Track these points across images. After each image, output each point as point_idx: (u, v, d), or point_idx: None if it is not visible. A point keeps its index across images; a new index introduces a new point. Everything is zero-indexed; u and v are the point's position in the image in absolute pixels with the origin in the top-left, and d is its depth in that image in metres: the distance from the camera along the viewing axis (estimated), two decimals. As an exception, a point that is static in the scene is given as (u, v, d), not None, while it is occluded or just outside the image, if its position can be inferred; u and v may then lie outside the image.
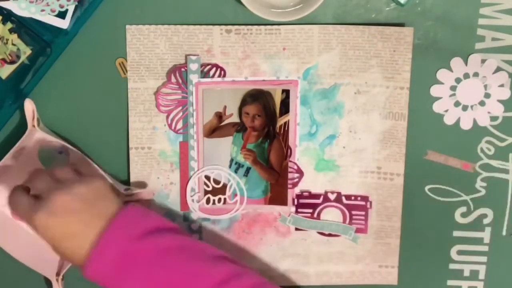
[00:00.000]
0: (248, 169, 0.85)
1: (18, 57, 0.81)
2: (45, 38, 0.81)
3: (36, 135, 0.81)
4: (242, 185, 0.86)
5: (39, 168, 0.79)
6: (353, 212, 0.87)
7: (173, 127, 0.84)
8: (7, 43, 0.80)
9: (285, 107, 0.84)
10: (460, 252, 0.88)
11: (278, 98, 0.84)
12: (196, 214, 0.86)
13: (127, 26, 0.82)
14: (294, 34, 0.82)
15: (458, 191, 0.87)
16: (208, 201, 0.86)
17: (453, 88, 0.85)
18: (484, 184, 0.87)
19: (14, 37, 0.80)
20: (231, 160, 0.85)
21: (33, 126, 0.80)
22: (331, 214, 0.87)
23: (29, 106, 0.80)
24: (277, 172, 0.86)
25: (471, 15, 0.83)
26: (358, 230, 0.87)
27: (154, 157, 0.84)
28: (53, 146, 0.83)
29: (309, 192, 0.86)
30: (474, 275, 0.89)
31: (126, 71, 0.83)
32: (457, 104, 0.85)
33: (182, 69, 0.82)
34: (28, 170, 0.81)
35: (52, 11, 0.79)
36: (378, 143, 0.85)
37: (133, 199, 0.84)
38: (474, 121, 0.85)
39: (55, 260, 0.84)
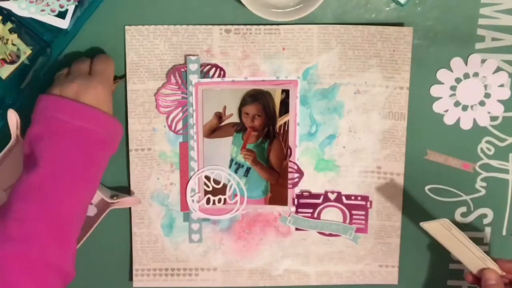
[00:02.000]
0: (248, 169, 0.85)
1: (18, 57, 0.81)
2: (45, 38, 0.81)
3: (21, 143, 0.81)
4: (242, 185, 0.86)
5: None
6: (353, 212, 0.87)
7: (173, 128, 0.84)
8: (7, 43, 0.80)
9: (284, 107, 0.84)
10: (460, 252, 0.88)
11: (277, 98, 0.84)
12: (196, 214, 0.86)
13: (127, 27, 0.82)
14: (294, 34, 0.82)
15: (458, 191, 0.87)
16: (208, 201, 0.86)
17: (453, 88, 0.85)
18: (484, 184, 0.87)
19: (14, 37, 0.80)
20: (231, 160, 0.85)
21: (17, 135, 0.81)
22: (331, 214, 0.87)
23: (12, 116, 0.81)
24: (277, 172, 0.86)
25: (471, 15, 0.83)
26: (358, 230, 0.87)
27: (154, 158, 0.84)
28: None
29: (309, 192, 0.86)
30: (474, 275, 0.89)
31: None
32: (457, 104, 0.85)
33: (182, 70, 0.82)
34: (12, 174, 0.82)
35: (52, 11, 0.79)
36: (378, 143, 0.85)
37: (120, 206, 0.84)
38: (474, 121, 0.85)
39: None
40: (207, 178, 0.85)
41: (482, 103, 0.85)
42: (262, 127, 0.85)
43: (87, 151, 0.74)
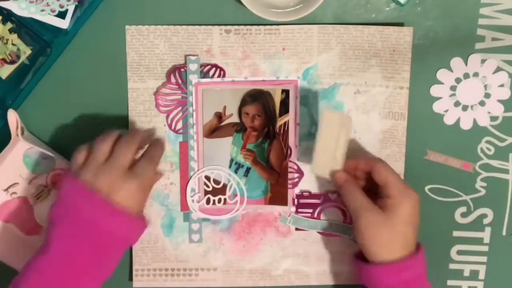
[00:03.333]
0: (248, 169, 0.85)
1: (18, 57, 0.81)
2: (45, 38, 0.81)
3: (20, 143, 0.81)
4: (242, 185, 0.86)
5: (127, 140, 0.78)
6: (353, 212, 0.86)
7: (173, 127, 0.84)
8: (7, 43, 0.80)
9: (284, 107, 0.84)
10: (460, 252, 0.88)
11: (277, 98, 0.84)
12: (196, 214, 0.86)
13: (127, 27, 0.82)
14: (294, 34, 0.82)
15: (458, 191, 0.87)
16: (208, 201, 0.86)
17: (453, 88, 0.85)
18: (484, 184, 0.87)
19: (14, 37, 0.80)
20: (231, 160, 0.85)
21: (17, 135, 0.81)
22: (332, 214, 0.87)
23: (12, 116, 0.81)
24: (277, 172, 0.86)
25: (471, 15, 0.83)
26: (358, 230, 0.87)
27: (154, 157, 0.84)
28: (38, 152, 0.83)
29: (309, 192, 0.86)
30: (474, 275, 0.89)
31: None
32: (457, 104, 0.85)
33: (182, 70, 0.83)
34: (12, 174, 0.83)
35: (52, 11, 0.79)
36: (378, 143, 0.85)
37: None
38: (474, 121, 0.85)
39: None
40: (207, 178, 0.85)
41: (482, 103, 0.85)
42: (262, 127, 0.85)
43: (102, 251, 0.74)
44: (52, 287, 0.72)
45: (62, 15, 0.80)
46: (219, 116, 0.84)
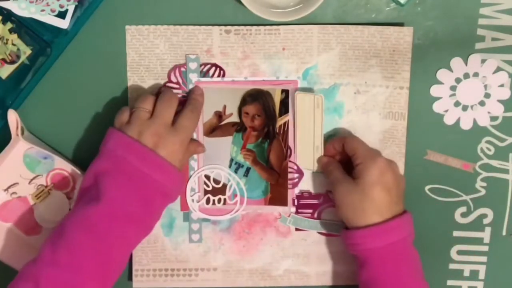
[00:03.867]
0: (248, 169, 0.85)
1: (18, 57, 0.81)
2: (45, 38, 0.81)
3: (20, 143, 0.81)
4: (242, 185, 0.86)
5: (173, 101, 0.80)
6: (353, 212, 0.86)
7: (173, 127, 0.84)
8: (7, 43, 0.80)
9: (284, 107, 0.84)
10: (460, 252, 0.88)
11: (277, 98, 0.84)
12: (196, 214, 0.86)
13: (127, 27, 0.82)
14: (294, 34, 0.82)
15: (458, 191, 0.87)
16: (208, 201, 0.86)
17: (453, 88, 0.85)
18: (484, 184, 0.87)
19: (14, 37, 0.80)
20: (231, 160, 0.85)
21: (17, 135, 0.81)
22: (332, 214, 0.86)
23: (12, 116, 0.81)
24: (277, 172, 0.86)
25: (471, 15, 0.83)
26: (358, 230, 0.87)
27: (154, 157, 0.84)
28: (38, 152, 0.83)
29: (309, 193, 0.86)
30: (474, 275, 0.89)
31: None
32: (457, 104, 0.85)
33: (182, 69, 0.82)
34: (12, 174, 0.83)
35: (52, 11, 0.79)
36: (378, 143, 0.85)
37: None
38: (474, 121, 0.85)
39: None
40: (207, 177, 0.85)
41: (482, 103, 0.85)
42: (262, 127, 0.85)
43: (150, 202, 0.76)
44: (102, 236, 0.73)
45: (62, 15, 0.80)
46: (219, 115, 0.84)
